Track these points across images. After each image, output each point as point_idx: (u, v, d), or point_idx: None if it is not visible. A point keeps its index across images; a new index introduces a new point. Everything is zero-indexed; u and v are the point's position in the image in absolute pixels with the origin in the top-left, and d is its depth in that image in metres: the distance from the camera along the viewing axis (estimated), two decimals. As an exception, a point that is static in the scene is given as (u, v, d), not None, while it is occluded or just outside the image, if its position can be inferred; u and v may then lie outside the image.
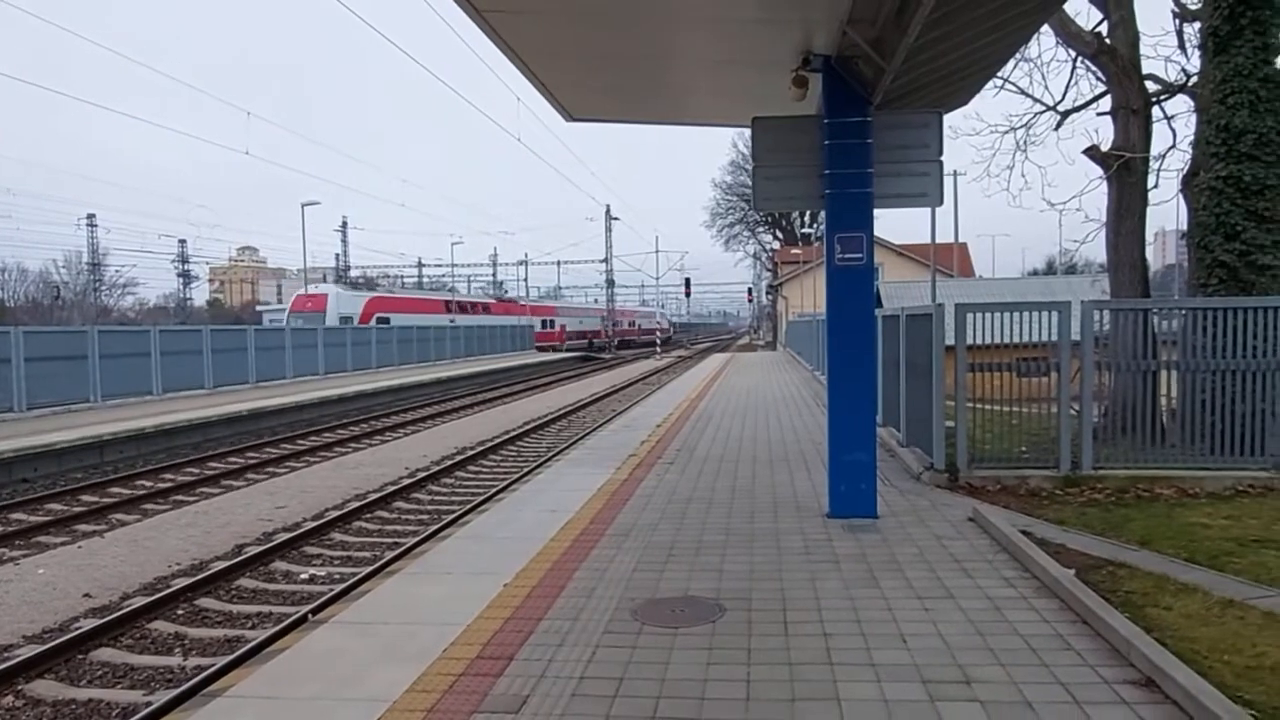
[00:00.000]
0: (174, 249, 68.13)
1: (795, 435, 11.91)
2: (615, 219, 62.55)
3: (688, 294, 66.66)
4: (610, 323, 67.78)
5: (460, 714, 3.54)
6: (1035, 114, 13.11)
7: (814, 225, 57.55)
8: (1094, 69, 11.84)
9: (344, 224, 78.18)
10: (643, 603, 4.88)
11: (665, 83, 8.50)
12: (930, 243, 27.95)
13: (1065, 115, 12.72)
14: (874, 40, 6.12)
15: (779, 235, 69.92)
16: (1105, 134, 11.78)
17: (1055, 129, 13.04)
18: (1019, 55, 11.47)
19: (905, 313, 9.43)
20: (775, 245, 68.80)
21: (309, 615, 5.91)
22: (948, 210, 39.29)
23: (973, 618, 4.53)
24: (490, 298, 65.02)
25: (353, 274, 67.51)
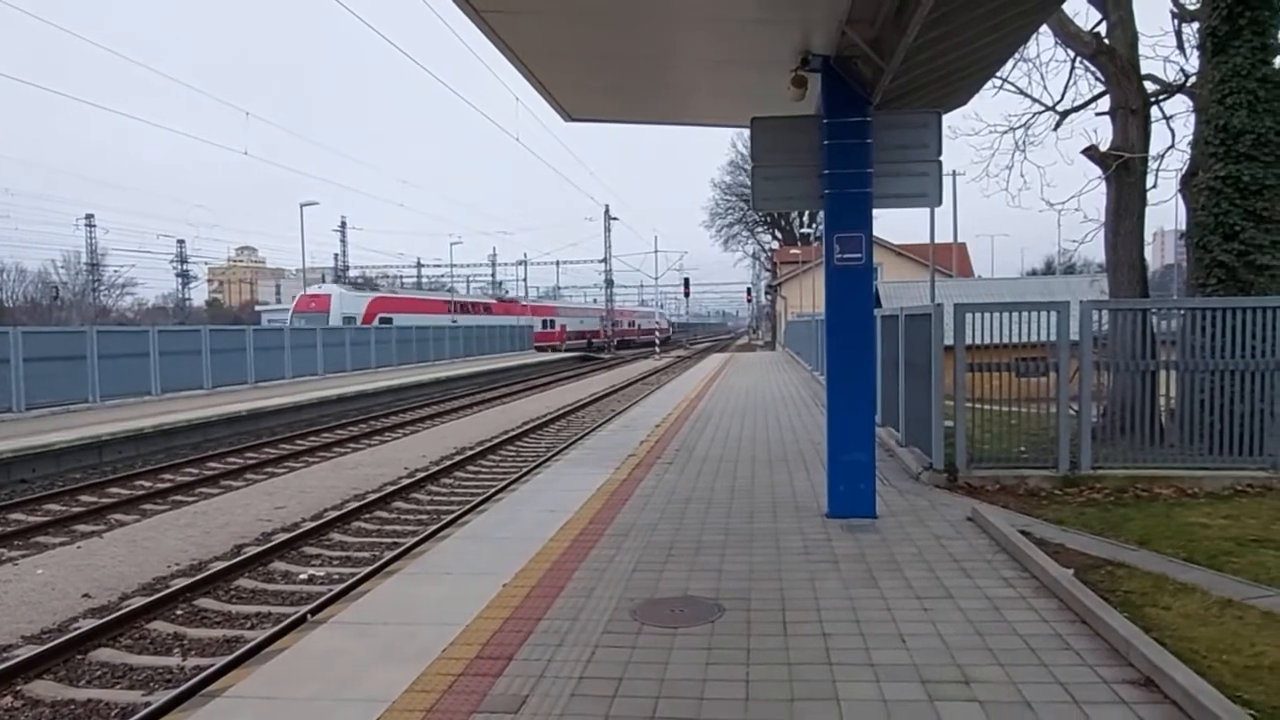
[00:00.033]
0: (173, 249, 68.33)
1: (794, 435, 11.91)
2: (614, 219, 62.65)
3: (686, 294, 66.73)
4: (609, 323, 67.74)
5: (459, 714, 3.54)
6: (1034, 114, 13.15)
7: (813, 225, 57.57)
8: (1093, 69, 11.86)
9: (343, 224, 78.36)
10: (642, 603, 4.88)
11: (664, 83, 8.50)
12: (929, 243, 27.95)
13: (1064, 115, 12.76)
14: (873, 40, 6.13)
15: (778, 235, 69.91)
16: (1104, 134, 11.81)
17: (1054, 129, 13.10)
18: (1018, 55, 11.50)
19: (904, 313, 9.44)
20: (774, 245, 68.80)
21: (308, 615, 5.91)
22: (947, 210, 39.27)
23: (972, 617, 4.53)
24: (491, 298, 65.08)
25: (351, 274, 67.55)
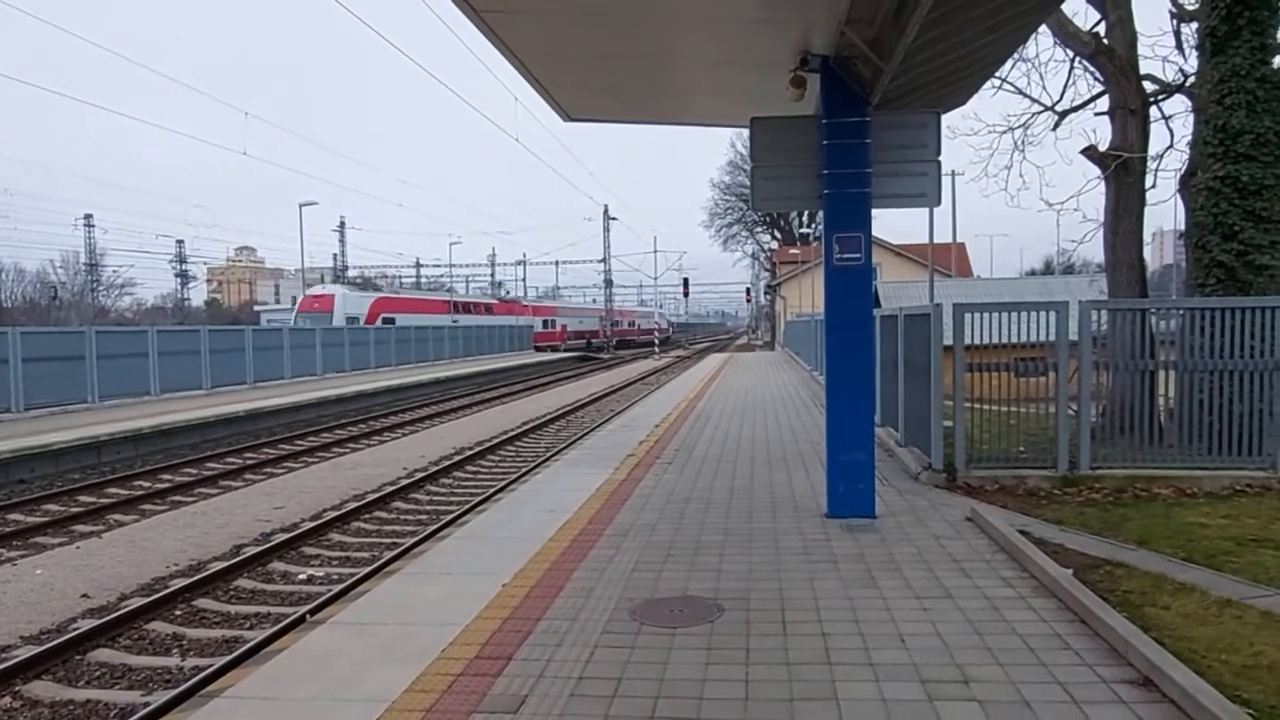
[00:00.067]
0: (172, 249, 68.36)
1: (793, 435, 11.91)
2: (613, 219, 62.56)
3: (686, 294, 66.70)
4: (609, 323, 67.72)
5: (459, 714, 3.54)
6: (1033, 114, 13.17)
7: (812, 225, 57.62)
8: (1092, 69, 11.86)
9: (342, 224, 78.50)
10: (641, 603, 4.88)
11: (664, 83, 8.49)
12: (928, 243, 27.98)
13: (1063, 115, 12.76)
14: (872, 40, 6.13)
15: (777, 235, 69.93)
16: (1103, 134, 11.82)
17: (1053, 129, 13.11)
18: (1017, 55, 11.52)
19: (903, 312, 9.45)
20: (773, 245, 68.81)
21: (307, 616, 5.91)
22: (946, 210, 39.31)
23: (971, 617, 4.53)
24: (492, 298, 65.08)
25: (350, 274, 67.58)
